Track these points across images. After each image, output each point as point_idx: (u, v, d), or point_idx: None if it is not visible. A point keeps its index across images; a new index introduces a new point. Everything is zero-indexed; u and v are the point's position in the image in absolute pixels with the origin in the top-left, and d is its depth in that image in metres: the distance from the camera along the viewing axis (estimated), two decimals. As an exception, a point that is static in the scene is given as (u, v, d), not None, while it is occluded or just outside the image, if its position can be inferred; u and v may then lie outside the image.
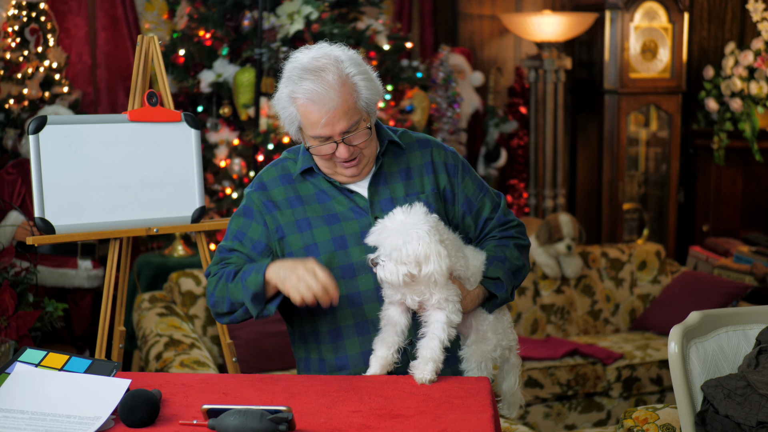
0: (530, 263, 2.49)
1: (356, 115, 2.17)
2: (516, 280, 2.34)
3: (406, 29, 5.91)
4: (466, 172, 2.38)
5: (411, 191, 2.30)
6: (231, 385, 2.15)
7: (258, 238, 2.28)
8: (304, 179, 2.31)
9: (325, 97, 2.13)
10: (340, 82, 2.14)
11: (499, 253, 2.33)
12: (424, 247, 2.05)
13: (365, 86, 2.18)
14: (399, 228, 2.07)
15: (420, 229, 2.07)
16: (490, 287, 2.27)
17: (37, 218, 2.82)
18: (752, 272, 5.22)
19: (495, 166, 6.10)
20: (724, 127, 6.08)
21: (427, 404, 1.97)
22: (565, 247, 4.97)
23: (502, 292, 2.28)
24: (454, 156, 2.39)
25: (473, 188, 2.37)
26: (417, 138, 2.38)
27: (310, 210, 2.28)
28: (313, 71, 2.14)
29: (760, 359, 2.24)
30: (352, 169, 2.25)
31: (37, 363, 2.15)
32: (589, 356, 4.57)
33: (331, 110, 2.14)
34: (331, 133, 2.17)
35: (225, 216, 4.79)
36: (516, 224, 2.41)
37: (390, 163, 2.32)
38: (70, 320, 4.90)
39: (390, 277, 2.07)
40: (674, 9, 6.02)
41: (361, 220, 2.26)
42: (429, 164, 2.34)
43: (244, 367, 3.79)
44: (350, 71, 2.16)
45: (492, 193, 2.42)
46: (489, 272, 2.28)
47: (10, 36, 4.90)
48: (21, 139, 4.82)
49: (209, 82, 4.86)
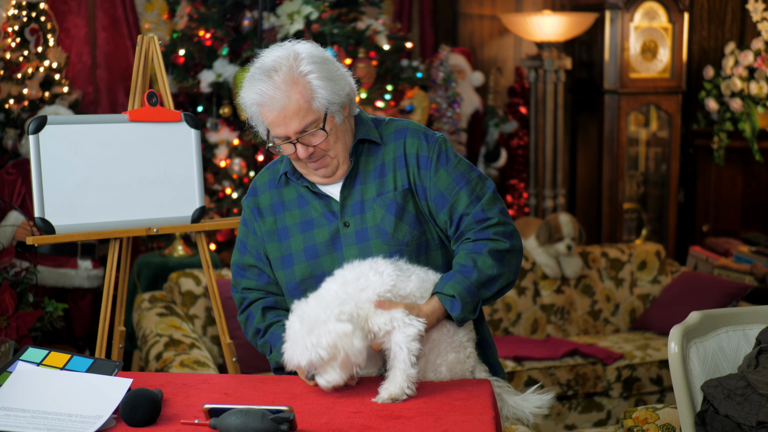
0: (520, 266, 2.25)
1: (310, 114, 2.11)
2: (487, 291, 2.15)
3: (406, 29, 5.91)
4: (441, 163, 2.21)
5: (383, 190, 2.21)
6: (232, 385, 2.15)
7: (256, 246, 2.30)
8: (288, 182, 2.29)
9: (272, 98, 2.09)
10: (291, 82, 2.09)
11: (469, 262, 2.14)
12: (326, 345, 1.92)
13: (322, 86, 2.11)
14: (296, 339, 1.95)
15: (310, 331, 1.94)
16: (445, 304, 2.10)
17: (37, 218, 2.82)
18: (752, 272, 5.22)
19: (495, 166, 6.10)
20: (724, 127, 6.08)
21: (428, 406, 1.97)
22: (565, 247, 4.97)
23: (457, 312, 2.09)
24: (431, 145, 2.22)
25: (448, 181, 2.20)
26: (396, 128, 2.26)
27: (289, 217, 2.26)
28: (266, 71, 2.11)
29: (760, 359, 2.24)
30: (321, 170, 2.19)
31: (39, 362, 2.15)
32: (589, 356, 4.57)
33: (279, 110, 2.10)
34: (286, 133, 2.12)
35: (225, 216, 4.79)
36: (495, 222, 2.18)
37: (366, 161, 2.24)
38: (70, 320, 4.90)
39: (336, 380, 1.98)
40: (674, 9, 6.02)
41: (331, 226, 2.22)
42: (401, 157, 2.22)
43: (244, 367, 3.79)
44: (305, 69, 2.10)
45: (473, 185, 2.21)
46: (445, 289, 2.11)
47: (10, 36, 4.89)
48: (21, 139, 4.82)
49: (209, 82, 4.86)
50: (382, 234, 2.19)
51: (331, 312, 1.96)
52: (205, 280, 3.98)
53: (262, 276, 2.29)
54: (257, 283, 2.30)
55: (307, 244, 2.22)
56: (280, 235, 2.26)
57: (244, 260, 2.31)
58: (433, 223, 2.24)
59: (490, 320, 4.87)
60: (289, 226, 2.25)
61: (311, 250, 2.22)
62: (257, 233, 2.29)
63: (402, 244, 2.19)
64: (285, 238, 2.25)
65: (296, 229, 2.24)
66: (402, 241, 2.19)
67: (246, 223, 2.32)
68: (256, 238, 2.29)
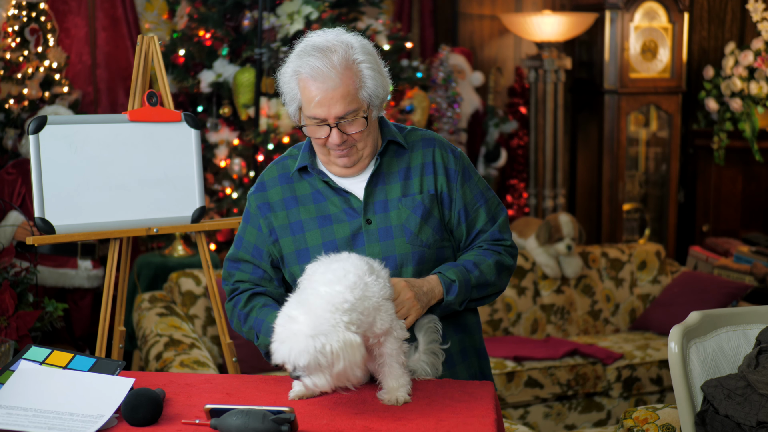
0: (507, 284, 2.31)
1: (355, 102, 2.12)
2: (478, 293, 2.22)
3: (406, 29, 5.91)
4: (466, 178, 2.29)
5: (408, 192, 2.24)
6: (234, 386, 2.15)
7: (255, 243, 2.28)
8: (302, 178, 2.28)
9: (325, 76, 2.09)
10: (345, 66, 2.11)
11: (474, 261, 2.23)
12: (329, 353, 1.86)
13: (371, 77, 2.14)
14: (297, 336, 1.86)
15: (316, 334, 1.86)
16: (444, 284, 2.17)
17: (37, 218, 2.82)
18: (752, 272, 5.22)
19: (495, 166, 6.10)
20: (724, 127, 6.09)
21: (430, 407, 1.97)
22: (565, 247, 4.97)
23: (452, 297, 2.16)
24: (458, 159, 2.30)
25: (471, 196, 2.28)
26: (422, 136, 2.31)
27: (304, 211, 2.25)
28: (321, 49, 2.11)
29: (760, 359, 2.24)
30: (344, 159, 2.19)
31: (42, 361, 2.15)
32: (589, 356, 4.57)
33: (329, 90, 2.09)
34: (326, 115, 2.11)
35: (225, 216, 4.79)
36: (509, 245, 2.30)
37: (390, 162, 2.27)
38: (70, 320, 4.90)
39: (323, 386, 1.91)
40: (674, 9, 6.02)
41: (353, 223, 2.22)
42: (430, 164, 2.27)
43: (244, 367, 3.79)
44: (358, 58, 2.13)
45: (491, 206, 2.31)
46: (448, 272, 2.18)
47: (10, 36, 4.89)
48: (21, 139, 4.82)
49: (209, 82, 4.86)
50: (407, 233, 2.21)
51: (340, 318, 1.88)
52: (205, 280, 3.98)
53: (256, 270, 2.29)
54: (251, 276, 2.29)
55: (326, 239, 2.21)
56: (294, 228, 2.25)
57: (238, 255, 2.31)
58: (449, 234, 2.29)
59: (490, 320, 4.88)
60: (305, 221, 2.24)
61: (331, 245, 2.21)
62: (262, 230, 2.27)
63: (425, 246, 2.22)
64: (300, 232, 2.24)
65: (313, 223, 2.24)
66: (425, 242, 2.23)
67: (248, 219, 2.31)
68: (260, 235, 2.27)
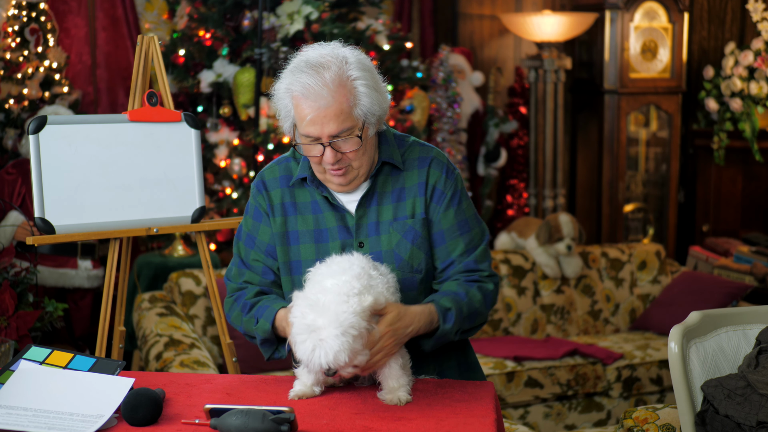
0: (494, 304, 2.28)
1: (349, 120, 2.05)
2: (467, 324, 2.16)
3: (406, 29, 5.91)
4: (452, 204, 2.20)
5: (399, 215, 2.18)
6: (234, 386, 2.15)
7: (268, 242, 2.23)
8: (303, 185, 2.23)
9: (317, 94, 2.02)
10: (338, 83, 2.03)
11: (461, 290, 2.16)
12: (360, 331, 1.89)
13: (366, 94, 2.07)
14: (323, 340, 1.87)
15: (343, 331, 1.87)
16: (439, 313, 2.10)
17: (37, 218, 2.82)
18: (752, 272, 5.22)
19: (495, 166, 6.10)
20: (724, 127, 6.08)
21: (430, 407, 1.97)
22: (565, 247, 4.97)
23: (449, 325, 2.10)
24: (449, 181, 2.21)
25: (452, 223, 2.20)
26: (420, 154, 2.22)
27: (301, 221, 2.20)
28: (314, 66, 2.05)
29: (760, 359, 2.24)
30: (339, 178, 2.13)
31: (42, 360, 2.15)
32: (589, 356, 4.57)
33: (321, 108, 2.03)
34: (319, 134, 2.05)
35: (225, 216, 4.79)
36: (486, 275, 2.21)
37: (384, 182, 2.19)
38: (70, 320, 4.90)
39: (362, 363, 1.92)
40: (674, 9, 6.02)
41: (345, 241, 2.17)
42: (423, 185, 2.19)
43: (244, 368, 3.79)
44: (353, 74, 2.06)
45: (472, 235, 2.22)
46: (442, 301, 2.11)
47: (10, 36, 4.89)
48: (21, 139, 4.81)
49: (209, 82, 4.86)
50: (397, 260, 2.16)
51: (356, 301, 1.90)
52: (205, 280, 3.98)
53: (267, 274, 2.24)
54: (261, 279, 2.24)
55: (320, 256, 2.14)
56: (289, 238, 2.20)
57: (251, 255, 2.25)
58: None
59: (491, 320, 4.88)
60: (301, 232, 2.20)
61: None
62: (272, 227, 2.22)
63: (416, 271, 2.18)
64: (294, 243, 2.20)
65: (308, 236, 2.19)
66: (416, 268, 2.18)
67: (258, 217, 2.24)
68: (270, 231, 2.22)
